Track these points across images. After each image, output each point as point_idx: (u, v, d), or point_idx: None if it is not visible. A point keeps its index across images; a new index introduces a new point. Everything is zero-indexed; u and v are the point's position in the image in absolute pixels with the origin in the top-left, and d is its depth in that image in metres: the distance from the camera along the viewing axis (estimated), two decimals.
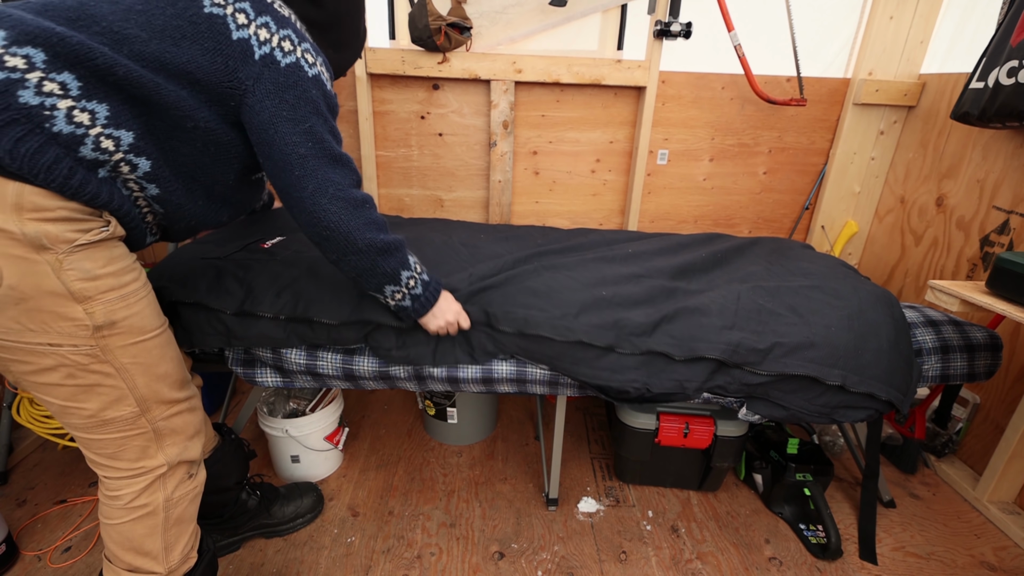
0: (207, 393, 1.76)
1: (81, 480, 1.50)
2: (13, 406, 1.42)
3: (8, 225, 0.69)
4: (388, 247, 0.99)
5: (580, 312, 1.17)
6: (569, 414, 1.90)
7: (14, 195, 0.70)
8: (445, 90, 1.93)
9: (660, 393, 1.19)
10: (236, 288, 1.14)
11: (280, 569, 1.25)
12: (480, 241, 1.56)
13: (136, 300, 0.83)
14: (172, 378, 0.91)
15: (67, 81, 0.71)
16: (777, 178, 2.16)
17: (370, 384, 1.25)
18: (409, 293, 1.04)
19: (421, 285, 1.06)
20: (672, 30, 1.78)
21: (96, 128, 0.75)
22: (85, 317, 0.77)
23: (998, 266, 1.10)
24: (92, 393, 0.81)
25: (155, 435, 0.89)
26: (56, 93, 0.71)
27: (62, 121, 0.72)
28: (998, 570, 1.33)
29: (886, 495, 1.54)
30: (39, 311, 0.74)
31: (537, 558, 1.31)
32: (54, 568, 1.23)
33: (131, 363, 0.83)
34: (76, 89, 0.72)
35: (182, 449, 0.93)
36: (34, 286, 0.72)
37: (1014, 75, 1.34)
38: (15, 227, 0.70)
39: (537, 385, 1.25)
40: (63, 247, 0.73)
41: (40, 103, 0.70)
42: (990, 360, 1.29)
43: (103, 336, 0.79)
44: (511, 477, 1.58)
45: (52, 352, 0.77)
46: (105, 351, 0.80)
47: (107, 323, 0.79)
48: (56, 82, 0.71)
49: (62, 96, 0.71)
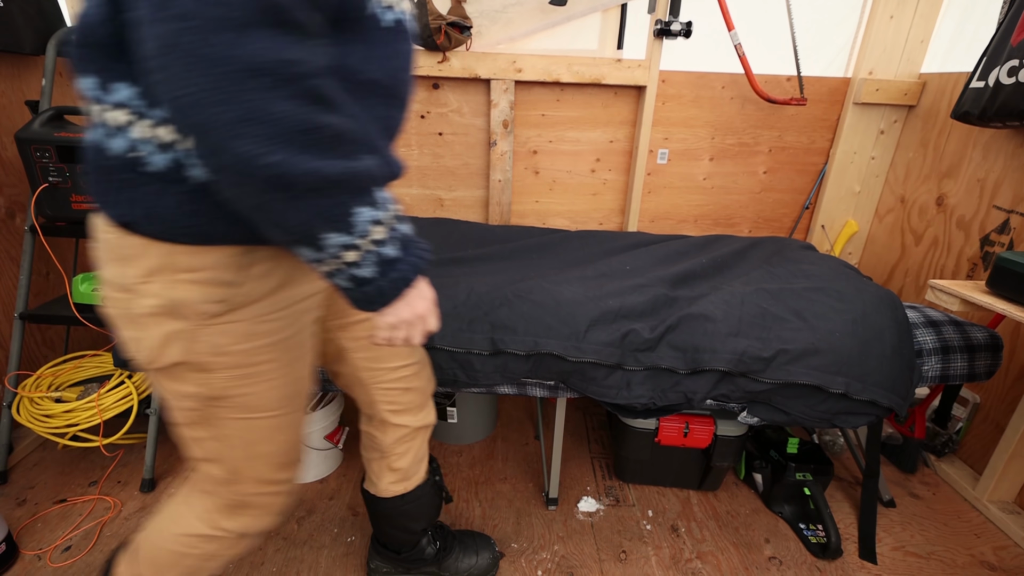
0: None
1: (81, 479, 1.49)
2: (13, 405, 1.42)
3: (153, 290, 0.62)
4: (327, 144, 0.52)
5: (589, 328, 1.16)
6: (569, 414, 1.90)
7: (162, 256, 0.61)
8: (445, 89, 1.93)
9: (666, 406, 1.19)
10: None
11: (280, 568, 1.25)
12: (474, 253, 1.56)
13: (261, 380, 0.71)
14: (275, 459, 0.80)
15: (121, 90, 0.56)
16: (777, 177, 2.15)
17: None
18: (373, 252, 0.59)
19: (397, 243, 0.61)
20: (672, 29, 1.78)
21: (144, 122, 0.57)
22: (202, 388, 0.69)
23: (998, 266, 1.10)
24: (194, 442, 0.75)
25: (234, 505, 0.80)
26: (122, 120, 0.57)
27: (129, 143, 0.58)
28: (998, 569, 1.33)
29: (886, 495, 1.54)
30: (167, 373, 0.68)
31: (537, 557, 1.31)
32: (54, 567, 1.23)
33: (234, 435, 0.74)
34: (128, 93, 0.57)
35: (251, 524, 0.84)
36: (163, 354, 0.65)
37: (1014, 74, 1.34)
38: (160, 292, 0.62)
39: (537, 388, 1.25)
40: (198, 319, 0.63)
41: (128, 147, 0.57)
42: (990, 360, 1.29)
43: (211, 406, 0.71)
44: (511, 477, 1.58)
45: (168, 400, 0.72)
46: (209, 419, 0.72)
47: (220, 396, 0.70)
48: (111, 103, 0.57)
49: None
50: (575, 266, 1.48)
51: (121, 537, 1.31)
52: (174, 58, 0.44)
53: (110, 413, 1.39)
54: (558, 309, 1.18)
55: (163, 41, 0.44)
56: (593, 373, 1.17)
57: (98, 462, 1.56)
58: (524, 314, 1.17)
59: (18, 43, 1.48)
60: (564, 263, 1.52)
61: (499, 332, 1.15)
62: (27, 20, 1.50)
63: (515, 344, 1.15)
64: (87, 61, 0.57)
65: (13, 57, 1.54)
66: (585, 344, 1.14)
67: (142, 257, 0.61)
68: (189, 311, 0.63)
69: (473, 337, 1.16)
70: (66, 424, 1.37)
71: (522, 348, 1.15)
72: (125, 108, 0.56)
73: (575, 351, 1.14)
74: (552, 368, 1.18)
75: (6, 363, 1.54)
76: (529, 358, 1.17)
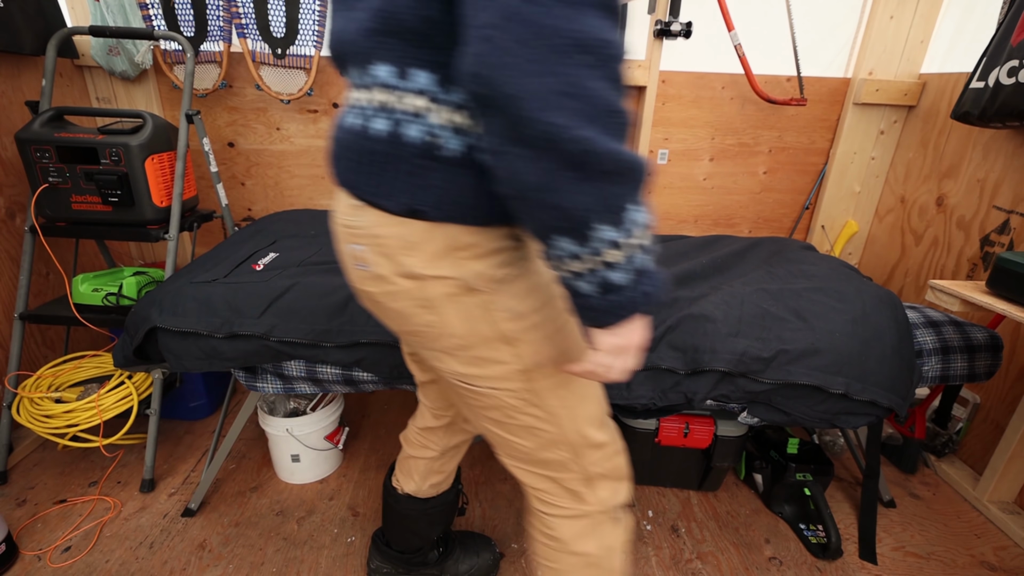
0: (207, 393, 1.77)
1: (81, 480, 1.49)
2: (13, 405, 1.42)
3: (445, 271, 0.61)
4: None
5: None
6: None
7: (448, 237, 0.61)
8: None
9: (666, 406, 1.19)
10: (225, 311, 1.15)
11: (280, 568, 1.25)
12: None
13: (556, 338, 0.69)
14: (596, 420, 0.79)
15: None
16: (777, 178, 2.15)
17: (370, 387, 1.26)
18: (633, 257, 0.53)
19: (650, 255, 0.55)
20: (672, 30, 1.78)
21: (442, 108, 0.57)
22: (514, 360, 0.68)
23: (998, 266, 1.10)
24: (529, 433, 0.74)
25: (587, 480, 0.79)
26: (421, 107, 0.57)
27: (430, 129, 0.57)
28: (998, 570, 1.33)
29: (886, 495, 1.54)
30: (479, 357, 0.68)
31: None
32: (54, 568, 1.23)
33: (559, 406, 0.73)
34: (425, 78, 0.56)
35: (612, 493, 0.82)
36: (472, 332, 0.65)
37: (1014, 75, 1.34)
38: (452, 272, 0.62)
39: None
40: (491, 286, 0.64)
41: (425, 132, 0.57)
42: (990, 360, 1.29)
43: (531, 379, 0.70)
44: (511, 477, 1.58)
45: (491, 394, 0.71)
46: (534, 394, 0.71)
47: (531, 367, 0.69)
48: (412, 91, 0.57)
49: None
50: None
51: (121, 538, 1.31)
52: (512, 27, 0.44)
53: (110, 413, 1.39)
54: None
55: (505, 11, 0.44)
56: None
57: (98, 462, 1.56)
58: None
59: (18, 43, 1.49)
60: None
61: None
62: (27, 20, 1.51)
63: None
64: (386, 49, 0.56)
65: (13, 57, 1.54)
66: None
67: (428, 242, 0.60)
68: (482, 281, 0.63)
69: None
70: (66, 424, 1.37)
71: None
72: (424, 95, 0.56)
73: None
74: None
75: (6, 363, 1.54)
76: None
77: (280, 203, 2.07)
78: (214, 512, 1.41)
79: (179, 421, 1.76)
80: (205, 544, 1.31)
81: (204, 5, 1.69)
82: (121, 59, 1.72)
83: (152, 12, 1.70)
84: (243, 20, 1.71)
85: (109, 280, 1.52)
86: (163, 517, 1.38)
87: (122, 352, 1.24)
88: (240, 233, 1.60)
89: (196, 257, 1.46)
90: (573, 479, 0.78)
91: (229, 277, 1.26)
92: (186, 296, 1.18)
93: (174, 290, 1.20)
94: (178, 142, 1.53)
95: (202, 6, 1.70)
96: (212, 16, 1.72)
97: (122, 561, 1.25)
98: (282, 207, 2.07)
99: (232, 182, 2.02)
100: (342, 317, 1.15)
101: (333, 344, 1.15)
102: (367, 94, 0.60)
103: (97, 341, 1.84)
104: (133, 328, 1.19)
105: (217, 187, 1.67)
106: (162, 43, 1.75)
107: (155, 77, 1.85)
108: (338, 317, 1.15)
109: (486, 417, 0.75)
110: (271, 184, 2.04)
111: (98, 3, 1.63)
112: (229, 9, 1.69)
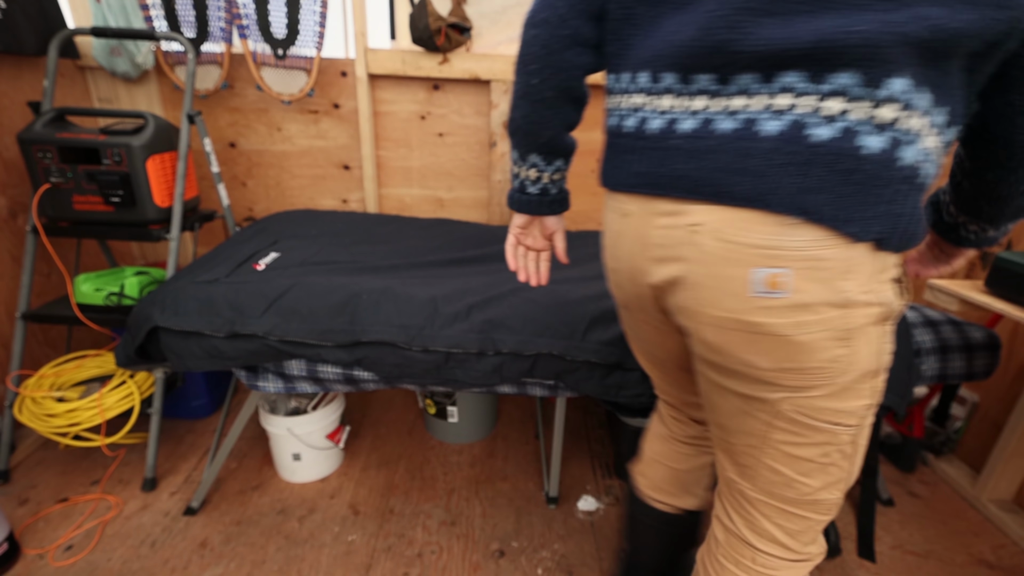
0: (208, 392, 1.78)
1: (83, 479, 1.50)
2: (15, 405, 1.42)
3: (874, 296, 0.57)
4: None
5: (588, 328, 1.17)
6: (569, 413, 1.91)
7: (879, 259, 0.56)
8: (445, 90, 1.93)
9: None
10: (226, 311, 1.16)
11: (281, 567, 1.26)
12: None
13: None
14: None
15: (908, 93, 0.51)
16: None
17: (371, 386, 1.26)
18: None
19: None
20: None
21: (932, 131, 0.54)
22: (871, 395, 0.63)
23: (997, 265, 1.11)
24: (824, 472, 0.67)
25: (826, 521, 0.73)
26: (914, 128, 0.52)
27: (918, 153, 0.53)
28: (996, 568, 1.34)
29: (885, 493, 1.54)
30: (850, 391, 0.61)
31: (537, 556, 1.31)
32: (56, 567, 1.23)
33: (863, 444, 0.69)
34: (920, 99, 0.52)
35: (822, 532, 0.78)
36: (868, 363, 0.60)
37: None
38: (879, 297, 0.57)
39: (537, 387, 1.25)
40: (895, 314, 0.60)
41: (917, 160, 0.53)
42: (988, 359, 1.30)
43: (870, 414, 0.65)
44: (511, 475, 1.58)
45: (835, 430, 0.64)
46: (861, 432, 0.66)
47: (877, 402, 0.65)
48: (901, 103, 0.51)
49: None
50: (573, 266, 1.48)
51: (123, 536, 1.32)
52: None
53: (112, 413, 1.40)
54: (559, 309, 1.18)
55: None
56: (590, 372, 1.17)
57: (100, 461, 1.57)
58: (522, 313, 1.17)
59: (20, 44, 1.49)
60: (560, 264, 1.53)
61: (497, 331, 1.16)
62: (29, 21, 1.51)
63: (512, 344, 1.15)
64: (902, 65, 0.50)
65: (15, 58, 1.55)
66: (585, 344, 1.15)
67: (864, 264, 0.55)
68: (893, 310, 0.60)
69: (470, 337, 1.16)
70: (68, 423, 1.37)
71: (520, 348, 1.15)
72: (926, 115, 0.52)
73: (575, 351, 1.14)
74: (550, 368, 1.19)
75: (8, 363, 1.55)
76: (527, 358, 1.18)
77: (281, 203, 2.08)
78: (216, 511, 1.41)
79: (181, 420, 1.77)
80: (206, 543, 1.31)
81: (205, 6, 1.70)
82: (123, 60, 1.72)
83: (153, 13, 1.70)
84: (244, 21, 1.72)
85: (111, 280, 1.53)
86: (165, 516, 1.39)
87: (124, 351, 1.25)
88: (241, 233, 1.60)
89: (197, 257, 1.47)
90: (824, 521, 0.72)
91: (230, 277, 1.27)
92: (187, 296, 1.18)
93: (176, 290, 1.20)
94: (179, 142, 1.53)
95: (203, 7, 1.70)
96: (213, 17, 1.72)
97: (124, 560, 1.26)
98: (283, 207, 2.07)
99: (233, 182, 2.03)
100: (343, 316, 1.15)
101: (334, 344, 1.15)
102: (841, 103, 0.51)
103: (99, 341, 1.84)
104: (135, 328, 1.20)
105: (218, 187, 1.67)
106: (163, 44, 1.75)
107: (156, 78, 1.86)
108: (339, 316, 1.15)
109: (789, 455, 0.66)
110: (272, 184, 2.04)
111: (99, 4, 1.64)
112: (230, 10, 1.70)
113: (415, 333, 1.13)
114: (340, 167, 2.03)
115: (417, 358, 1.15)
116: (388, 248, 1.59)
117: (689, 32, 0.57)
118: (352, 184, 2.06)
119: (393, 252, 1.55)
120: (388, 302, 1.17)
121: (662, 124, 0.61)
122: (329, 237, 1.61)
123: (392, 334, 1.13)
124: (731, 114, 0.56)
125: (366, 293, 1.18)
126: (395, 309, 1.16)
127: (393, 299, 1.18)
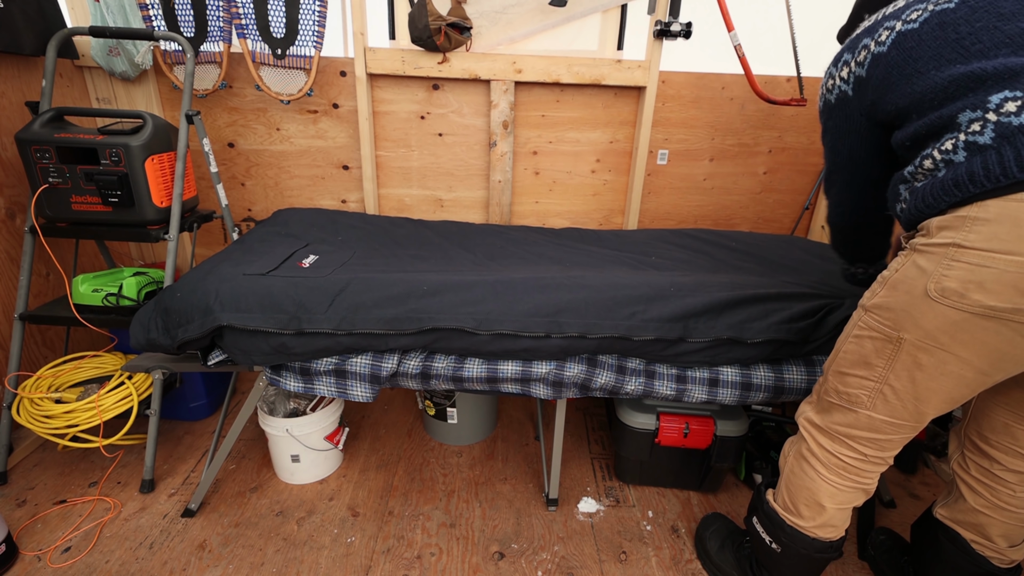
0: (207, 393, 1.77)
1: (81, 480, 1.49)
2: (13, 406, 1.42)
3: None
4: None
5: (648, 304, 1.20)
6: (569, 414, 1.90)
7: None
8: (445, 90, 1.93)
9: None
10: (289, 306, 1.15)
11: (280, 568, 1.25)
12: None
13: None
14: None
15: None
16: (777, 178, 2.16)
17: (403, 381, 1.27)
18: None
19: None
20: (672, 30, 1.78)
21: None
22: None
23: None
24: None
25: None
26: None
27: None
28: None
29: (886, 495, 1.54)
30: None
31: (537, 558, 1.31)
32: (54, 568, 1.23)
33: None
34: None
35: None
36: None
37: None
38: None
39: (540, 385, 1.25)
40: None
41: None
42: None
43: None
44: (511, 477, 1.58)
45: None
46: None
47: None
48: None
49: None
50: (618, 262, 1.60)
51: (121, 538, 1.31)
52: None
53: (110, 414, 1.39)
54: (615, 292, 1.21)
55: None
56: (653, 347, 1.21)
57: (98, 463, 1.56)
58: (582, 299, 1.20)
59: (18, 44, 1.49)
60: (606, 259, 1.62)
61: (562, 315, 1.17)
62: (27, 21, 1.51)
63: (577, 327, 1.17)
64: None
65: (13, 58, 1.54)
66: (648, 322, 1.19)
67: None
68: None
69: (536, 321, 1.17)
70: (66, 425, 1.37)
71: (586, 331, 1.18)
72: None
73: (639, 330, 1.17)
74: (614, 348, 1.22)
75: (6, 364, 1.54)
76: (592, 340, 1.20)
77: (280, 203, 2.07)
78: (214, 512, 1.41)
79: (179, 421, 1.77)
80: (205, 544, 1.31)
81: (204, 6, 1.70)
82: (121, 60, 1.72)
83: (152, 13, 1.70)
84: (243, 20, 1.71)
85: (109, 280, 1.52)
86: (163, 517, 1.38)
87: (145, 332, 1.19)
88: (260, 230, 1.58)
89: (223, 249, 1.44)
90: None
91: (277, 271, 1.27)
92: (245, 289, 1.17)
93: (229, 278, 1.19)
94: (178, 142, 1.53)
95: (202, 7, 1.70)
96: (212, 17, 1.72)
97: (122, 561, 1.25)
98: (282, 207, 2.07)
99: (232, 182, 2.02)
100: (407, 305, 1.16)
101: (409, 331, 1.16)
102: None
103: (97, 342, 1.84)
104: (186, 316, 1.15)
105: (217, 187, 1.67)
106: (162, 44, 1.75)
107: (155, 78, 1.85)
108: (404, 305, 1.16)
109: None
110: (271, 184, 2.04)
111: (98, 4, 1.63)
112: (229, 10, 1.69)
113: (482, 318, 1.15)
114: (339, 167, 2.03)
115: (484, 339, 1.17)
116: (417, 249, 1.62)
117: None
118: (351, 184, 2.05)
119: (424, 252, 1.60)
120: (448, 291, 1.18)
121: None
122: (359, 243, 1.62)
123: (461, 320, 1.14)
124: None
125: (426, 284, 1.20)
126: (458, 297, 1.17)
127: (454, 288, 1.19)
